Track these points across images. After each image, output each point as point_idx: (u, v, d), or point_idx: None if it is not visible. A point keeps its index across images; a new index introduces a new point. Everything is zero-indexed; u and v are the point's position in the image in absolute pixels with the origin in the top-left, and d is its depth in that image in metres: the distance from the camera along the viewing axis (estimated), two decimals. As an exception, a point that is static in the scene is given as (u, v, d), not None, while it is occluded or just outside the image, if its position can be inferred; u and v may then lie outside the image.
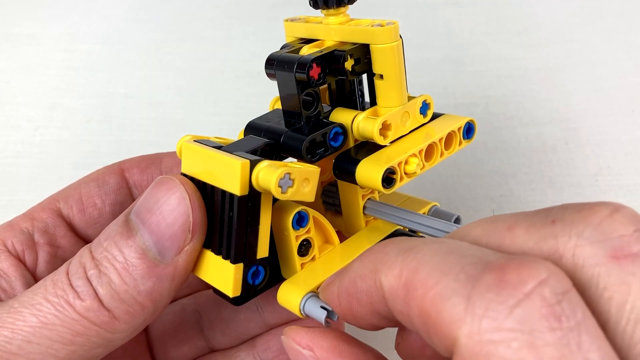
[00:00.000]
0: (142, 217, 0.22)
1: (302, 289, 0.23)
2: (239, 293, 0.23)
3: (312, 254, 0.25)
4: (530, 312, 0.14)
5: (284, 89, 0.25)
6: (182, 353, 0.30)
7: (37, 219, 0.27)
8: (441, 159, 0.25)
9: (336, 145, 0.24)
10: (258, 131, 0.25)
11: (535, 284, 0.14)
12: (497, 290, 0.14)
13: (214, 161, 0.22)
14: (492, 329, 0.14)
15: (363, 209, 0.26)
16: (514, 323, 0.14)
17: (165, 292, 0.22)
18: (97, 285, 0.22)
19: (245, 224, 0.22)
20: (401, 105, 0.24)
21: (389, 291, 0.17)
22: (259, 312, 0.29)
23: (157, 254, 0.22)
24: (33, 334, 0.21)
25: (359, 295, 0.18)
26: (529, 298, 0.14)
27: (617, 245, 0.15)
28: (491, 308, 0.14)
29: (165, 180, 0.23)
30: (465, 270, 0.15)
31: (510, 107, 0.46)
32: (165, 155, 0.30)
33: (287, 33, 0.27)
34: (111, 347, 0.23)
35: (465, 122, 0.25)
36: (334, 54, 0.24)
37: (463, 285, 0.15)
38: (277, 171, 0.20)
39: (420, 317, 0.16)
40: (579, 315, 0.14)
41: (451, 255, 0.16)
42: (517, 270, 0.14)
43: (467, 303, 0.14)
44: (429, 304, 0.15)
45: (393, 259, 0.17)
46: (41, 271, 0.26)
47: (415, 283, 0.16)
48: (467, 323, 0.14)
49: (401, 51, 0.24)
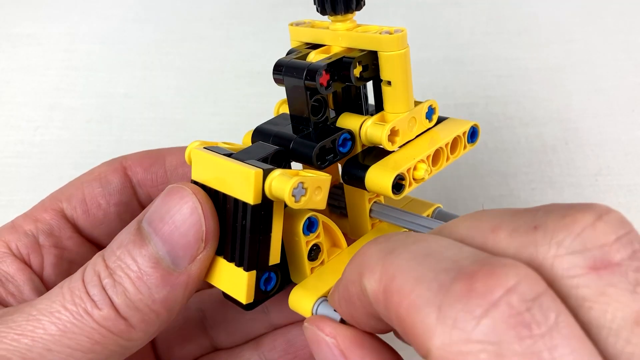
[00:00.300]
0: (155, 226, 0.22)
1: (313, 293, 0.23)
2: (252, 300, 0.23)
3: (322, 258, 0.25)
4: (497, 321, 0.13)
5: (293, 95, 0.25)
6: (186, 352, 0.30)
7: (40, 221, 0.27)
8: (447, 163, 0.25)
9: (344, 151, 0.25)
10: (266, 137, 0.25)
11: (503, 292, 0.14)
12: (466, 299, 0.14)
13: (226, 169, 0.22)
14: (461, 340, 0.14)
15: (369, 212, 0.27)
16: (481, 334, 0.13)
17: (179, 300, 0.22)
18: (112, 294, 0.22)
19: (258, 232, 0.22)
20: (408, 111, 0.24)
21: (372, 295, 0.17)
22: (265, 313, 0.29)
23: (170, 262, 0.22)
24: (53, 342, 0.21)
25: (352, 299, 0.18)
26: (495, 307, 0.13)
27: (597, 256, 0.14)
28: (460, 319, 0.14)
29: (177, 189, 0.23)
30: (438, 278, 0.15)
31: (510, 107, 0.46)
32: (168, 153, 0.29)
33: (292, 37, 0.27)
34: (126, 354, 0.23)
35: (469, 126, 0.26)
36: (342, 61, 0.24)
37: (435, 295, 0.14)
38: (291, 181, 0.20)
39: (398, 324, 0.16)
40: (552, 318, 0.13)
41: (427, 259, 0.16)
42: (485, 278, 0.14)
43: (438, 313, 0.14)
44: (404, 313, 0.15)
45: (374, 263, 0.17)
46: (48, 274, 0.26)
47: (393, 290, 0.16)
48: (437, 335, 0.14)
49: (409, 58, 0.24)
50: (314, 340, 0.20)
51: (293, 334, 0.29)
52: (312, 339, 0.20)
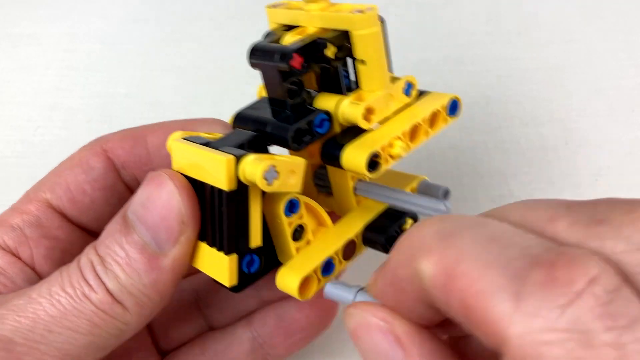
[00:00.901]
0: (138, 214, 0.23)
1: (298, 272, 0.24)
2: (235, 282, 0.23)
3: (306, 238, 0.25)
4: (583, 311, 0.13)
5: (268, 78, 0.25)
6: (182, 333, 0.31)
7: (26, 213, 0.27)
8: (427, 138, 0.25)
9: (322, 132, 0.25)
10: (246, 121, 0.26)
11: (587, 282, 0.13)
12: (548, 288, 0.14)
13: (201, 158, 0.23)
14: (544, 329, 0.13)
15: (353, 189, 0.27)
16: (568, 323, 0.13)
17: (168, 283, 0.23)
18: (105, 280, 0.23)
19: (235, 217, 0.22)
20: (384, 89, 0.24)
21: (428, 279, 0.16)
22: (256, 289, 0.29)
23: (155, 247, 0.23)
24: (54, 323, 0.22)
25: (401, 284, 0.17)
26: (581, 297, 0.13)
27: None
28: (542, 307, 0.13)
29: (155, 176, 0.24)
30: (512, 265, 0.14)
31: (510, 107, 0.46)
32: (149, 131, 0.29)
33: (270, 19, 0.27)
34: (123, 338, 0.23)
35: (449, 99, 0.25)
36: (315, 43, 0.24)
37: (510, 282, 0.14)
38: (262, 164, 0.21)
39: (462, 310, 0.15)
40: (634, 311, 0.13)
41: (493, 244, 0.15)
42: (567, 268, 0.14)
43: (516, 301, 0.14)
44: (472, 299, 0.15)
45: (431, 245, 0.16)
46: (40, 265, 0.26)
47: (457, 274, 0.15)
48: (517, 323, 0.14)
49: (381, 36, 0.24)
50: (362, 326, 0.19)
51: (283, 309, 0.29)
52: (360, 325, 0.19)
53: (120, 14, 0.56)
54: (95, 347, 0.23)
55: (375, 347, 0.18)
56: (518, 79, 0.48)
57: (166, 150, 0.27)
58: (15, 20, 0.56)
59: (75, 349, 0.22)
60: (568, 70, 0.48)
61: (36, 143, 0.46)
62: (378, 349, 0.18)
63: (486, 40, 0.51)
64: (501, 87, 0.47)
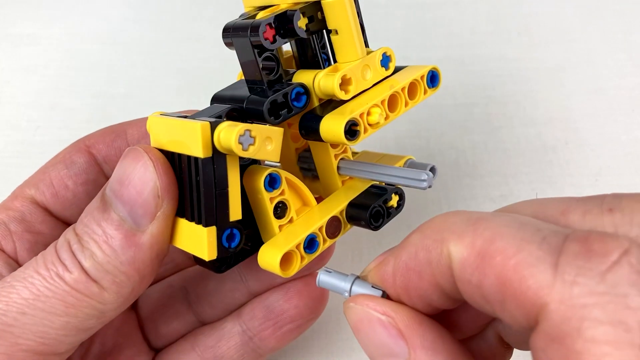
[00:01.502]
0: (115, 190, 0.23)
1: (280, 248, 0.23)
2: (214, 256, 0.23)
3: (290, 216, 0.25)
4: (620, 277, 0.14)
5: (243, 55, 0.25)
6: (172, 329, 0.30)
7: (11, 209, 0.27)
8: (406, 109, 0.25)
9: (300, 106, 0.25)
10: (222, 100, 0.26)
11: (621, 253, 0.14)
12: (586, 258, 0.14)
13: (177, 128, 0.23)
14: (584, 293, 0.14)
15: (337, 169, 0.27)
16: (607, 287, 0.14)
17: (147, 260, 0.23)
18: (81, 258, 0.22)
19: (213, 186, 0.22)
20: (360, 59, 0.24)
21: (459, 260, 0.16)
22: (243, 282, 0.29)
23: (132, 223, 0.23)
24: (27, 305, 0.22)
25: (420, 268, 0.18)
26: (618, 265, 0.14)
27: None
28: (581, 274, 0.14)
29: (131, 151, 0.23)
30: (548, 240, 0.15)
31: (510, 107, 0.46)
32: (129, 126, 0.30)
33: (245, 4, 0.27)
34: (104, 319, 0.23)
35: (428, 70, 0.26)
36: (286, 14, 0.24)
37: (548, 254, 0.15)
38: (237, 128, 0.21)
39: (497, 286, 0.15)
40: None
41: (527, 226, 0.16)
42: (602, 241, 0.15)
43: (554, 270, 0.14)
44: (510, 272, 0.15)
45: (462, 228, 0.17)
46: (23, 259, 0.27)
47: (493, 251, 0.16)
48: (556, 289, 0.14)
49: (352, 4, 0.24)
50: (364, 320, 0.19)
51: (271, 300, 0.29)
52: (361, 320, 0.19)
53: (120, 14, 0.56)
54: (73, 328, 0.22)
55: (377, 341, 0.18)
56: (518, 79, 0.48)
57: (146, 143, 0.27)
58: (15, 20, 0.56)
59: (52, 331, 0.22)
60: (568, 70, 0.48)
61: (36, 143, 0.46)
62: (381, 343, 0.18)
63: (486, 40, 0.51)
64: (501, 87, 0.47)
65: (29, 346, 0.22)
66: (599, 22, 0.51)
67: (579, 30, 0.51)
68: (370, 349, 0.19)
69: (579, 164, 0.42)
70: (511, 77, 0.48)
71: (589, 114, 0.44)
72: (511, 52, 0.50)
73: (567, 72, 0.48)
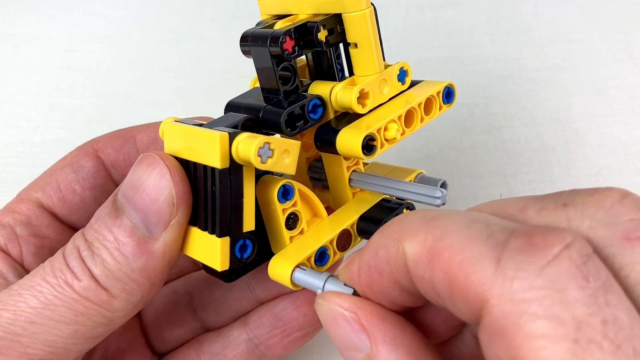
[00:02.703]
0: (128, 196, 0.22)
1: (291, 260, 0.23)
2: (227, 267, 0.23)
3: (300, 227, 0.25)
4: (559, 271, 0.14)
5: (260, 64, 0.25)
6: (176, 335, 0.30)
7: (17, 212, 0.27)
8: (422, 124, 0.25)
9: (316, 118, 0.24)
10: (237, 109, 0.25)
11: (563, 247, 0.14)
12: (527, 252, 0.15)
13: (194, 137, 0.23)
14: (523, 288, 0.14)
15: (349, 181, 0.27)
16: (545, 282, 0.14)
17: (158, 268, 0.23)
18: (91, 265, 0.22)
19: (229, 197, 0.22)
20: (378, 73, 0.24)
21: (412, 257, 0.17)
22: (251, 291, 0.29)
23: (145, 230, 0.22)
24: (35, 315, 0.21)
25: (380, 265, 0.18)
26: (557, 259, 0.14)
27: (629, 228, 0.15)
28: (522, 269, 0.14)
29: (146, 157, 0.23)
30: (493, 236, 0.15)
31: (510, 107, 0.46)
32: (138, 131, 0.29)
33: (261, 11, 0.27)
34: (112, 326, 0.23)
35: (444, 86, 0.25)
36: (306, 26, 0.24)
37: (492, 249, 0.15)
38: (256, 140, 0.21)
39: (445, 282, 0.16)
40: (604, 276, 0.14)
41: (476, 223, 0.16)
42: (544, 236, 0.15)
43: (496, 266, 0.15)
44: (456, 268, 0.15)
45: (417, 227, 0.17)
46: (29, 263, 0.26)
47: (441, 248, 0.16)
48: (497, 284, 0.14)
49: (373, 18, 0.24)
50: (330, 316, 0.19)
51: (279, 308, 0.29)
52: (327, 315, 0.20)
53: (120, 14, 0.56)
54: (81, 336, 0.22)
55: (342, 336, 0.19)
56: (518, 79, 0.48)
57: (155, 148, 0.27)
58: (15, 20, 0.56)
59: (61, 340, 0.22)
60: (568, 70, 0.48)
61: (36, 143, 0.46)
62: (345, 338, 0.19)
63: (486, 40, 0.51)
64: (501, 87, 0.47)
65: (37, 356, 0.21)
66: (599, 22, 0.51)
67: (579, 30, 0.51)
68: (337, 343, 0.19)
69: (579, 164, 0.42)
70: (511, 77, 0.48)
71: (589, 114, 0.44)
72: (511, 52, 0.50)
73: (567, 72, 0.48)
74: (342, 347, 0.19)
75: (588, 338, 0.13)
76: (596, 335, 0.13)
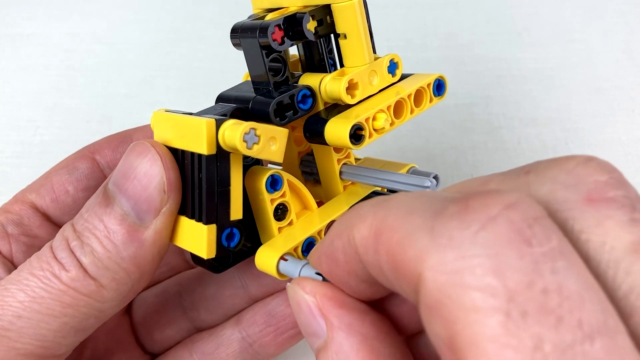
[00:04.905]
0: (119, 184, 0.22)
1: (278, 250, 0.23)
2: (213, 255, 0.23)
3: (289, 219, 0.25)
4: (495, 235, 0.13)
5: (250, 56, 0.25)
6: (166, 335, 0.30)
7: (10, 212, 0.27)
8: (412, 116, 0.25)
9: (305, 108, 0.25)
10: (228, 100, 0.26)
11: (502, 208, 0.13)
12: (461, 216, 0.13)
13: (182, 124, 0.23)
14: (456, 257, 0.13)
15: (340, 174, 0.27)
16: (478, 248, 0.12)
17: (148, 257, 0.22)
18: (80, 255, 0.22)
19: (215, 184, 0.22)
20: (367, 64, 0.24)
21: (360, 243, 0.16)
22: (244, 287, 0.29)
23: (135, 218, 0.22)
24: (23, 308, 0.21)
25: (335, 254, 0.17)
26: (494, 221, 0.13)
27: (592, 189, 0.14)
28: (454, 236, 0.13)
29: (137, 145, 0.23)
30: (431, 208, 0.14)
31: (510, 107, 0.46)
32: (135, 132, 0.29)
33: (253, 6, 0.27)
34: (103, 318, 0.23)
35: (434, 78, 0.26)
36: (295, 17, 0.24)
37: (427, 220, 0.14)
38: (241, 127, 0.21)
39: (389, 263, 0.15)
40: (554, 241, 0.13)
41: (419, 198, 0.15)
42: (482, 198, 0.13)
43: (430, 235, 0.13)
44: (394, 245, 0.14)
45: (366, 212, 0.16)
46: (19, 260, 0.26)
47: (383, 229, 0.15)
48: (431, 255, 0.13)
49: (362, 9, 0.24)
50: (294, 300, 0.19)
51: (272, 305, 0.29)
52: (293, 299, 0.19)
53: (120, 14, 0.56)
54: (71, 329, 0.22)
55: (304, 320, 0.19)
56: (518, 79, 0.48)
57: None
58: (15, 20, 0.56)
59: (50, 333, 0.21)
60: (568, 70, 0.48)
61: (36, 143, 0.46)
62: (306, 323, 0.18)
63: (486, 40, 0.51)
64: (501, 87, 0.47)
65: (26, 350, 0.21)
66: (599, 22, 0.51)
67: (579, 30, 0.51)
68: (301, 328, 0.19)
69: (579, 164, 0.42)
70: (511, 77, 0.48)
71: (589, 114, 0.44)
72: (511, 52, 0.50)
73: (567, 72, 0.48)
74: (305, 332, 0.19)
75: (521, 310, 0.12)
76: (531, 306, 0.12)
